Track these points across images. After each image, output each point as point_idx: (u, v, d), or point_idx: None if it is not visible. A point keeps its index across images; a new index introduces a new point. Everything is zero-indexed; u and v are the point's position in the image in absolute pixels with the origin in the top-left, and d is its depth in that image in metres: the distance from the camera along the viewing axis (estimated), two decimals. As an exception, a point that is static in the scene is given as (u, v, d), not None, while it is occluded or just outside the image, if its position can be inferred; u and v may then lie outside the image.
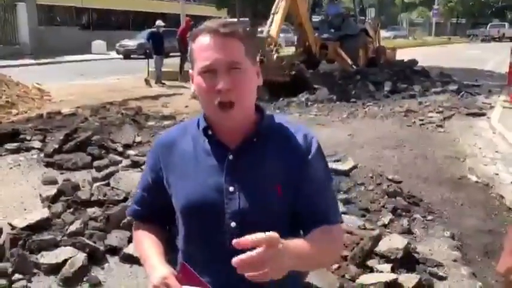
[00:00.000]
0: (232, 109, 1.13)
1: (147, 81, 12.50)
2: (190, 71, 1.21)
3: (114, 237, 3.38)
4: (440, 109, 8.98)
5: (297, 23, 12.37)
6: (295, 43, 14.10)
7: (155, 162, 1.28)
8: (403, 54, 17.63)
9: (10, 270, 2.86)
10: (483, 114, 8.71)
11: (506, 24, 46.71)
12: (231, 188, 1.16)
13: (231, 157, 1.18)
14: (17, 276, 2.85)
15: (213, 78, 1.11)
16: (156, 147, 1.30)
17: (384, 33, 27.31)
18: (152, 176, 1.29)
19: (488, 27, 46.19)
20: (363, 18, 15.24)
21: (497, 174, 5.37)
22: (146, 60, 13.38)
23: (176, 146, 1.24)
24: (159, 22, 13.41)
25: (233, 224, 1.16)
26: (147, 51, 13.08)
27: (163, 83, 12.69)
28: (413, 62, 14.78)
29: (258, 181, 1.17)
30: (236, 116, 1.15)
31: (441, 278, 3.05)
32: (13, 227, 3.39)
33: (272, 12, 10.93)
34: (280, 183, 1.18)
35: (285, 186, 1.19)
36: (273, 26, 10.74)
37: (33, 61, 19.26)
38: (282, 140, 1.23)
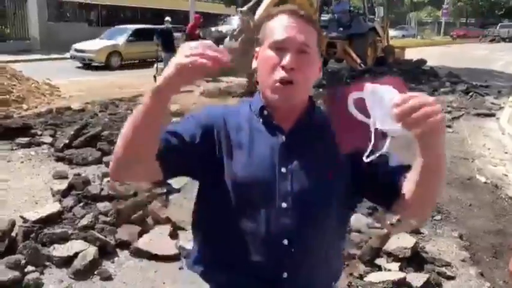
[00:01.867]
0: (291, 86, 1.12)
1: (156, 78, 12.53)
2: (256, 48, 1.21)
3: (124, 232, 3.42)
4: (449, 109, 8.95)
5: None
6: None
7: (208, 125, 1.19)
8: (411, 54, 17.56)
9: (23, 262, 2.91)
10: (492, 115, 8.67)
11: (516, 24, 46.30)
12: (283, 169, 1.16)
13: (284, 139, 1.19)
14: (29, 268, 2.90)
15: (281, 55, 1.12)
16: (212, 113, 1.23)
17: (392, 32, 27.21)
18: (204, 131, 1.17)
19: (498, 27, 45.81)
20: (372, 17, 15.18)
21: (506, 175, 5.36)
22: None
23: (231, 120, 1.22)
24: (167, 19, 13.33)
25: (284, 205, 1.15)
26: (157, 49, 12.78)
27: None
28: (422, 62, 14.73)
29: (310, 164, 1.18)
30: (293, 94, 1.14)
31: (449, 278, 3.06)
32: (25, 220, 3.44)
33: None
34: (332, 169, 1.18)
35: (336, 171, 1.19)
36: (261, 7, 9.58)
37: (42, 56, 19.37)
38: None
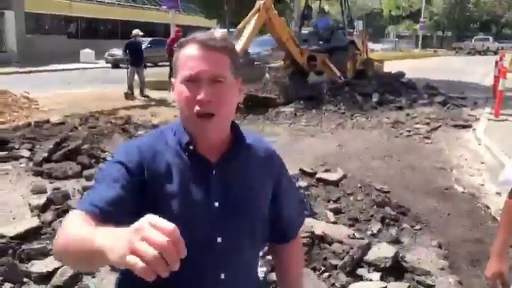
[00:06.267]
0: (210, 120, 1.12)
1: (126, 95, 11.73)
2: (172, 79, 1.20)
3: (105, 246, 3.38)
4: (427, 121, 9.12)
5: (277, 42, 12.33)
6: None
7: (137, 165, 1.11)
8: (390, 67, 17.88)
9: (0, 279, 2.84)
10: (469, 126, 8.85)
11: (491, 38, 47.67)
12: (216, 204, 1.15)
13: (214, 172, 1.17)
14: (7, 285, 2.84)
15: (195, 88, 1.11)
16: (136, 150, 1.15)
17: (371, 45, 27.65)
18: (136, 176, 1.10)
19: (473, 40, 47.09)
20: (351, 30, 15.43)
21: (482, 184, 5.47)
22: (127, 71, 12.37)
23: (160, 155, 1.16)
24: (136, 31, 12.37)
25: (219, 240, 1.15)
26: (128, 60, 12.19)
27: (139, 96, 12.12)
28: (401, 74, 14.99)
29: (241, 194, 1.19)
30: (214, 126, 1.14)
31: (429, 286, 3.10)
32: (2, 236, 3.38)
33: (239, 27, 10.57)
34: (262, 193, 1.25)
35: (265, 196, 1.26)
36: (243, 40, 10.14)
37: (20, 69, 19.12)
38: (257, 153, 1.28)
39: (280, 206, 1.32)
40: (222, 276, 1.16)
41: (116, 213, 1.03)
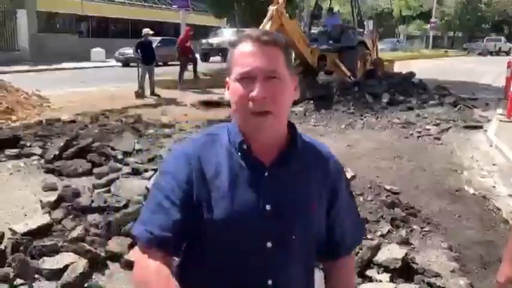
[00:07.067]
0: (266, 117, 1.08)
1: (136, 94, 11.81)
2: (227, 78, 1.17)
3: (115, 244, 3.40)
4: (438, 121, 9.05)
5: (289, 43, 12.30)
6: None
7: (189, 174, 1.12)
8: (400, 67, 17.77)
9: (12, 275, 2.88)
10: (480, 127, 8.78)
11: (503, 38, 47.18)
12: (268, 207, 1.11)
13: (266, 174, 1.13)
14: (18, 281, 2.88)
15: (250, 85, 1.08)
16: (187, 157, 1.14)
17: (381, 45, 27.47)
18: (185, 189, 1.11)
19: (484, 41, 46.64)
20: (362, 30, 15.37)
21: (494, 186, 5.42)
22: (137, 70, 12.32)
23: (209, 157, 1.14)
24: (146, 30, 12.24)
25: (269, 244, 1.12)
26: (139, 59, 12.19)
27: (149, 95, 12.10)
28: (411, 75, 14.86)
29: (295, 199, 1.15)
30: (270, 124, 1.10)
31: (439, 289, 3.08)
32: (14, 233, 3.42)
33: None
34: (315, 202, 1.18)
35: (318, 205, 1.19)
36: None
37: (32, 67, 19.28)
38: (314, 159, 1.22)
39: (333, 217, 1.24)
40: (269, 282, 1.13)
41: (176, 237, 1.11)
